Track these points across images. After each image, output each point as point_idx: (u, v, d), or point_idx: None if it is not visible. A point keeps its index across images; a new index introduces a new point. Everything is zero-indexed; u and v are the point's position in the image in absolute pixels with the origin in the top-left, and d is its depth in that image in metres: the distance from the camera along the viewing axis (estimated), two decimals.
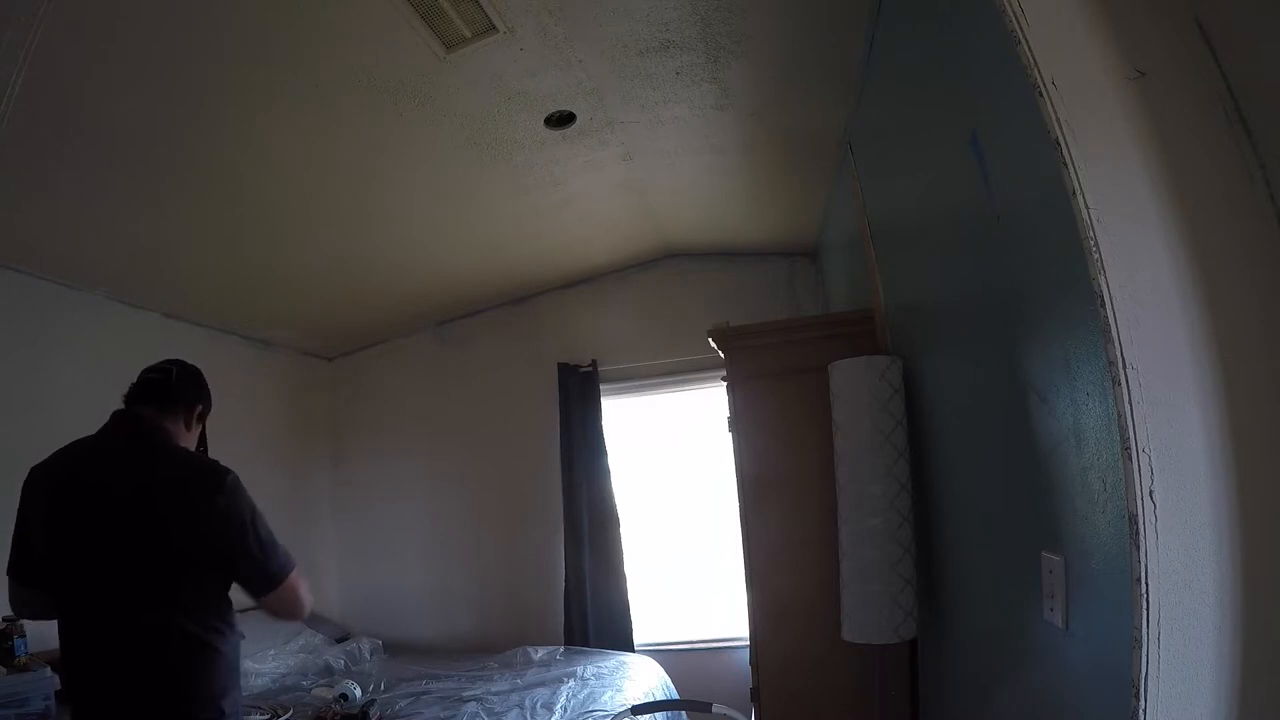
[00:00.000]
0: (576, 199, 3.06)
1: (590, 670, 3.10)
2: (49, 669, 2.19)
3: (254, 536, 1.42)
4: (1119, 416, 0.84)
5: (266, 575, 1.44)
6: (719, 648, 3.64)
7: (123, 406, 1.58)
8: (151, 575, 1.37)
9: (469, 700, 2.77)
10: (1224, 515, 0.83)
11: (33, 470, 1.49)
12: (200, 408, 1.65)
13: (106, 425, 1.55)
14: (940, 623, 1.79)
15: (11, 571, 1.47)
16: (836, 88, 2.25)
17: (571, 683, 2.93)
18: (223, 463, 1.49)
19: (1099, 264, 0.87)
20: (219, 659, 1.40)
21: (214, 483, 1.42)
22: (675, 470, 4.06)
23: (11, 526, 1.44)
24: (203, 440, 1.69)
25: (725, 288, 3.86)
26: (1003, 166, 1.16)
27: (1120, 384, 0.84)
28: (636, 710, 2.19)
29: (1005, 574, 1.33)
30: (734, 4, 1.87)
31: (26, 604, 1.50)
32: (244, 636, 1.53)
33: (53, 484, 1.46)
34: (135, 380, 1.61)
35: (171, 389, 1.59)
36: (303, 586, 1.51)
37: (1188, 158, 0.90)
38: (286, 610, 1.50)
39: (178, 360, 1.67)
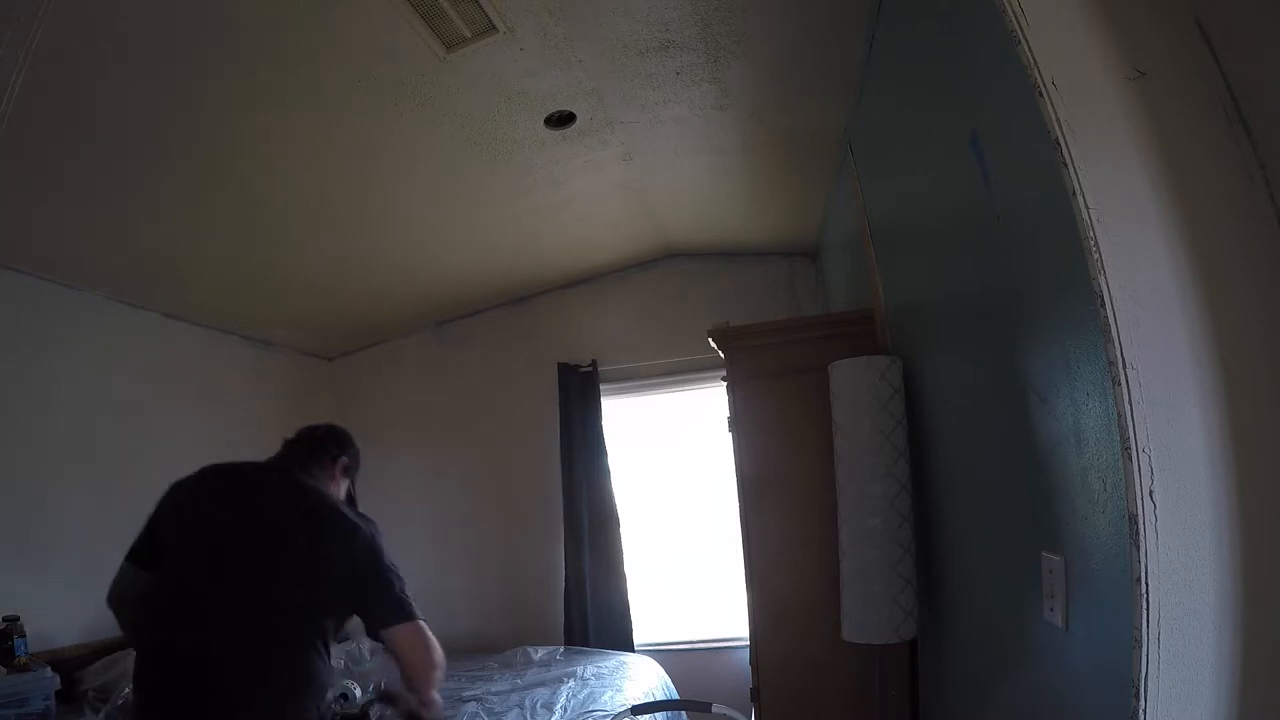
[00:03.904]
0: (576, 199, 3.06)
1: (590, 670, 3.10)
2: (49, 669, 2.19)
3: (387, 576, 1.52)
4: (1119, 416, 0.84)
5: (393, 609, 1.51)
6: (719, 648, 3.64)
7: (279, 452, 1.75)
8: (284, 597, 1.46)
9: (469, 700, 2.77)
10: (1224, 515, 0.83)
11: (179, 480, 1.61)
12: (345, 461, 1.80)
13: (267, 460, 1.71)
14: (940, 623, 1.79)
15: (134, 553, 1.57)
16: (836, 88, 2.25)
17: (571, 683, 2.93)
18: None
19: (1099, 264, 0.87)
20: (316, 681, 1.49)
21: (362, 525, 1.55)
22: (675, 470, 4.06)
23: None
24: (350, 497, 1.82)
25: (725, 288, 3.86)
26: (1003, 166, 1.16)
27: (1120, 384, 0.84)
28: (636, 710, 2.19)
29: (1005, 574, 1.33)
30: (734, 4, 1.87)
31: (128, 585, 1.56)
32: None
33: (192, 493, 1.58)
34: (290, 435, 1.81)
35: (318, 440, 1.77)
36: (430, 635, 1.54)
37: (1188, 158, 0.90)
38: (411, 647, 1.52)
39: (331, 424, 1.89)
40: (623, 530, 3.79)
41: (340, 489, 1.76)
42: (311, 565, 1.48)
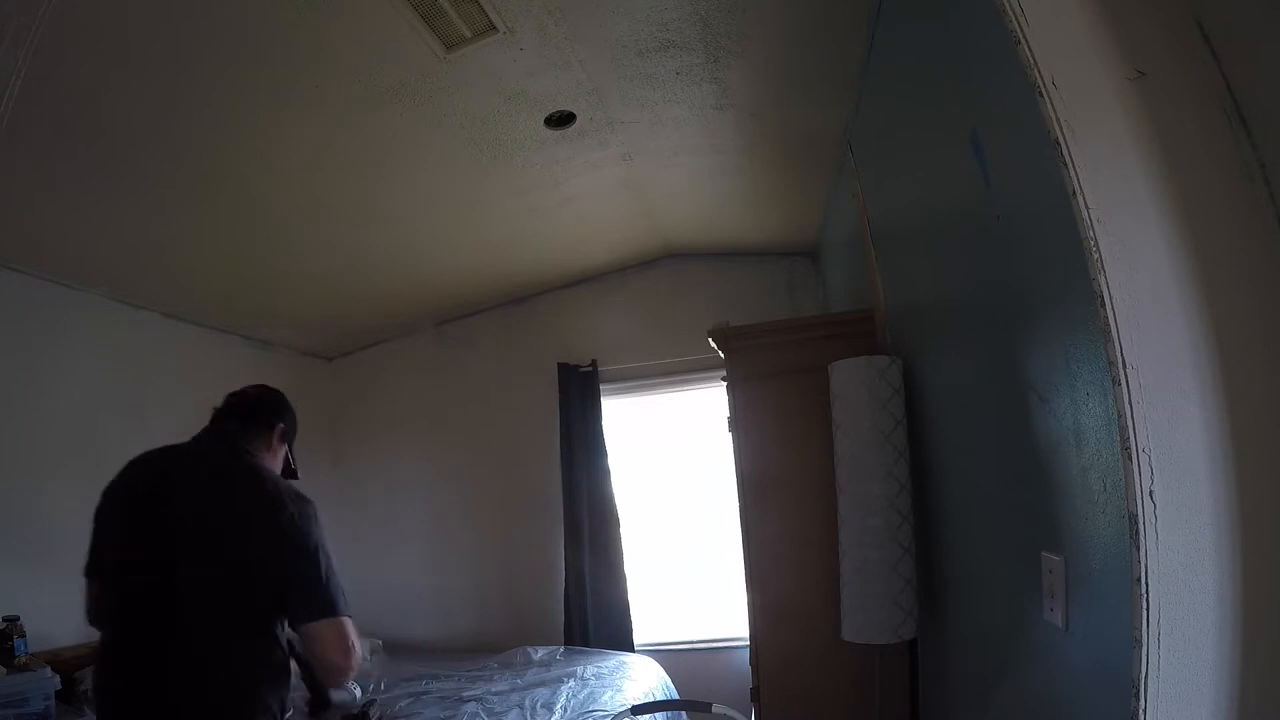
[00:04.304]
0: (576, 199, 3.06)
1: (590, 670, 3.10)
2: (49, 669, 2.19)
3: (312, 563, 1.39)
4: (1119, 416, 0.84)
5: (315, 603, 1.38)
6: (719, 648, 3.64)
7: (208, 424, 1.61)
8: (212, 585, 1.37)
9: (469, 700, 2.77)
10: (1224, 515, 0.83)
11: (115, 478, 1.52)
12: (282, 427, 1.67)
13: (195, 437, 1.57)
14: (940, 623, 1.79)
15: (86, 569, 1.51)
16: (836, 88, 2.25)
17: (571, 683, 2.93)
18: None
19: (1099, 264, 0.87)
20: (268, 671, 1.40)
21: (289, 505, 1.41)
22: (675, 470, 4.06)
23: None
24: (289, 462, 1.70)
25: (725, 288, 3.86)
26: (1003, 166, 1.16)
27: (1120, 384, 0.84)
28: (636, 710, 2.19)
29: (1005, 574, 1.33)
30: (734, 4, 1.87)
31: (91, 603, 1.52)
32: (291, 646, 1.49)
33: (130, 487, 1.49)
34: (220, 404, 1.65)
35: (252, 408, 1.63)
36: (352, 633, 1.41)
37: (1188, 158, 0.90)
38: (329, 647, 1.39)
39: (261, 384, 1.71)
40: (623, 530, 3.79)
41: (279, 456, 1.66)
42: (239, 551, 1.38)
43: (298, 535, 1.39)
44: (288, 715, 1.45)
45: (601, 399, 3.89)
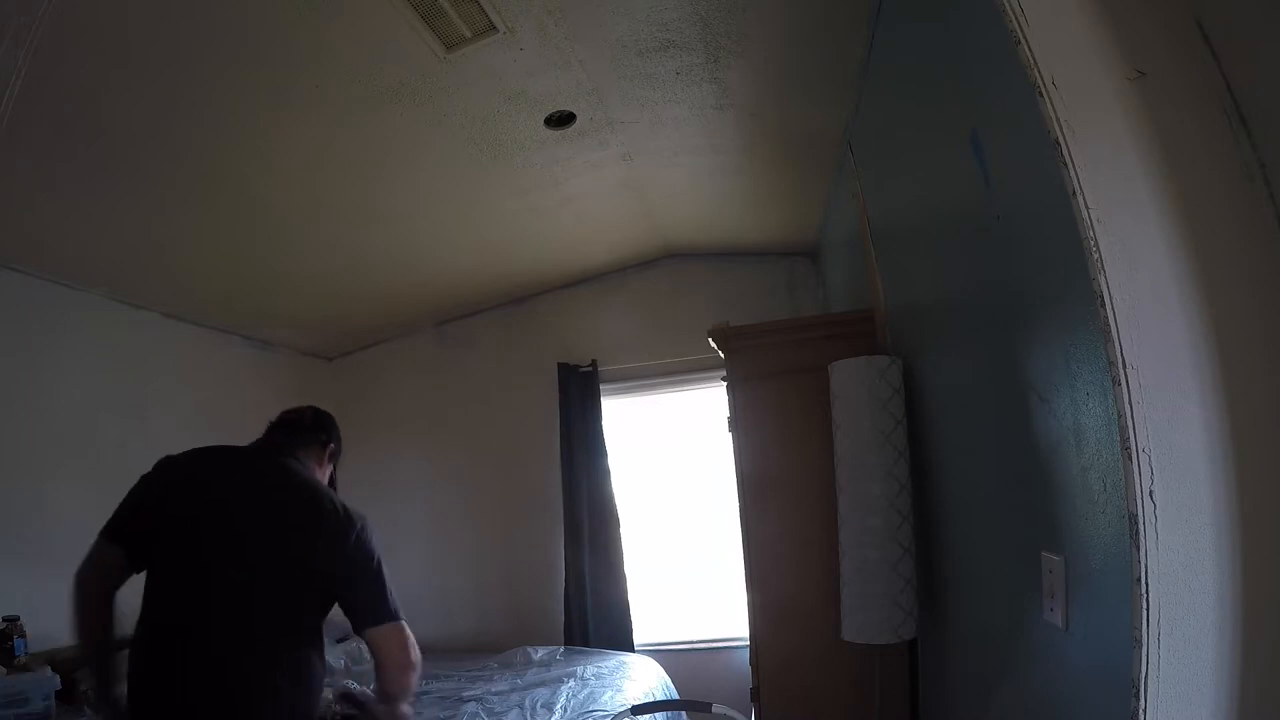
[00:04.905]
0: (576, 199, 3.06)
1: (590, 670, 3.10)
2: (49, 669, 2.19)
3: (378, 576, 1.52)
4: (1119, 416, 0.84)
5: (381, 611, 1.51)
6: (719, 648, 3.64)
7: (262, 436, 1.69)
8: (265, 590, 1.44)
9: (469, 700, 2.77)
10: (1224, 515, 0.83)
11: (168, 457, 1.56)
12: (333, 447, 1.78)
13: (251, 444, 1.65)
14: (940, 623, 1.79)
15: (108, 529, 1.52)
16: (836, 88, 2.25)
17: (571, 683, 2.93)
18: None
19: (1099, 264, 0.87)
20: (302, 673, 1.47)
21: (355, 520, 1.52)
22: (675, 470, 4.06)
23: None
24: (333, 482, 1.80)
25: (725, 288, 3.86)
26: (1003, 166, 1.16)
27: (1120, 384, 0.84)
28: (636, 710, 2.18)
29: (1005, 574, 1.33)
30: (734, 4, 1.87)
31: (95, 563, 1.52)
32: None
33: (186, 475, 1.54)
34: (274, 418, 1.74)
35: (306, 425, 1.72)
36: (410, 634, 1.54)
37: (1188, 158, 0.90)
38: (393, 648, 1.52)
39: (314, 406, 1.83)
40: (623, 530, 3.79)
41: (325, 475, 1.75)
42: (308, 560, 1.47)
43: (369, 549, 1.52)
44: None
45: (601, 399, 3.89)
